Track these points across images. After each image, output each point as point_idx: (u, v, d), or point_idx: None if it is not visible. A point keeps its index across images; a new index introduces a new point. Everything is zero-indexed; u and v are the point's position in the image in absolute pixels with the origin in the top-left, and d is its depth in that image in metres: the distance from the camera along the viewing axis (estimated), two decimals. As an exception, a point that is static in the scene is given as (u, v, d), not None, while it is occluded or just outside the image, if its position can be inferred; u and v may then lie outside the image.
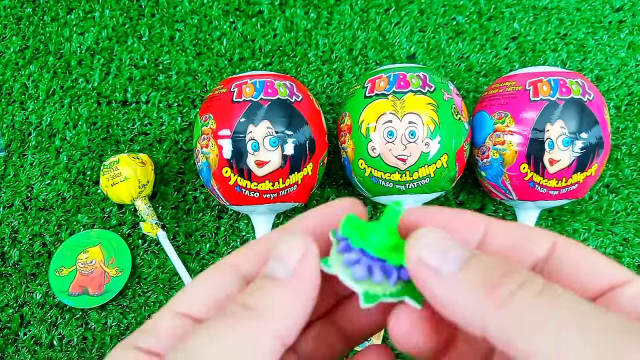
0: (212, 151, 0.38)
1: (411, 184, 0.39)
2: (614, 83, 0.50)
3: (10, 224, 0.46)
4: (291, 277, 0.14)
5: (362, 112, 0.39)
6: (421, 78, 0.39)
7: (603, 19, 0.52)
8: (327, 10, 0.52)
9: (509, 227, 0.16)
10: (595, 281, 0.14)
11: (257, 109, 0.38)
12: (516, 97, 0.39)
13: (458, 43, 0.51)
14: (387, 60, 0.51)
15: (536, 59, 0.51)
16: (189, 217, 0.46)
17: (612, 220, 0.46)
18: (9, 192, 0.47)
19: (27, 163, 0.48)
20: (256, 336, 0.13)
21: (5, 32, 0.52)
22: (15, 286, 0.45)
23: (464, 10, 0.52)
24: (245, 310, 0.14)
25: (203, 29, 0.52)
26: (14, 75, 0.51)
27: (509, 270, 0.13)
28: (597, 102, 0.38)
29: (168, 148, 0.49)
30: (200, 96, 0.50)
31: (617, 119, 0.49)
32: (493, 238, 0.16)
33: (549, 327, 0.12)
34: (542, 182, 0.38)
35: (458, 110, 0.39)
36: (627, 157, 0.48)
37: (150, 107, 0.50)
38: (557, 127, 0.37)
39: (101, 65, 0.51)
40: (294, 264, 0.14)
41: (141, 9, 0.53)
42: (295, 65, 0.51)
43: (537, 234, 0.15)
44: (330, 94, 0.50)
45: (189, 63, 0.51)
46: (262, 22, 0.52)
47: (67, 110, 0.50)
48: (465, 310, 0.13)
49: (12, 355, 0.43)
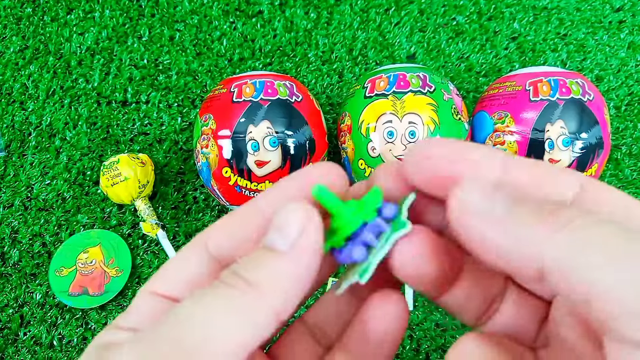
0: (212, 151, 0.38)
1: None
2: (614, 83, 0.50)
3: (10, 224, 0.46)
4: (291, 250, 0.13)
5: (362, 112, 0.39)
6: (421, 78, 0.39)
7: (603, 19, 0.52)
8: (327, 10, 0.52)
9: (528, 165, 0.14)
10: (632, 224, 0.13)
11: (257, 109, 0.38)
12: (516, 97, 0.39)
13: (458, 43, 0.51)
14: (387, 60, 0.51)
15: (536, 59, 0.51)
16: (189, 217, 0.46)
17: (612, 220, 0.46)
18: (9, 192, 0.47)
19: (27, 163, 0.48)
20: (253, 310, 0.13)
21: (5, 32, 0.52)
22: (15, 286, 0.45)
23: (464, 10, 0.52)
24: (243, 283, 0.13)
25: (203, 29, 0.52)
26: (14, 75, 0.51)
27: (560, 207, 0.12)
28: (597, 102, 0.38)
29: (168, 148, 0.49)
30: (200, 96, 0.50)
31: (617, 119, 0.49)
32: (514, 175, 0.14)
33: (615, 249, 0.10)
34: (542, 182, 0.38)
35: (458, 110, 0.39)
36: (627, 157, 0.48)
37: (150, 107, 0.50)
38: (557, 127, 0.37)
39: (101, 65, 0.51)
40: (294, 235, 0.13)
41: (141, 9, 0.53)
42: (295, 65, 0.51)
43: (561, 173, 0.14)
44: (330, 94, 0.50)
45: (189, 63, 0.51)
46: (262, 22, 0.52)
47: (67, 110, 0.50)
48: (519, 246, 0.12)
49: (12, 355, 0.43)
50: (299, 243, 0.13)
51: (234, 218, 0.16)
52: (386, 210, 0.15)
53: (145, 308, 0.15)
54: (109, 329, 0.14)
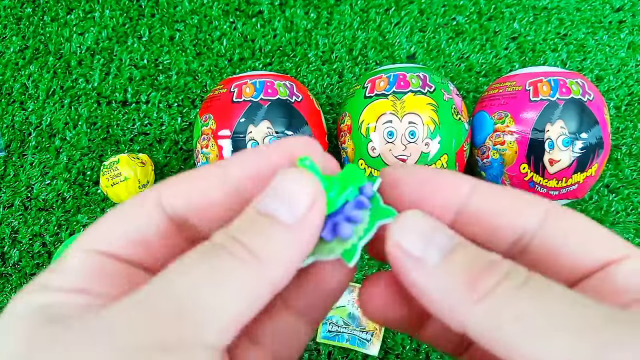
0: (212, 151, 0.38)
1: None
2: (614, 83, 0.50)
3: (10, 224, 0.46)
4: (299, 224, 0.13)
5: (362, 112, 0.39)
6: (421, 78, 0.39)
7: (603, 19, 0.52)
8: (327, 10, 0.52)
9: (497, 192, 0.14)
10: (588, 257, 0.13)
11: (257, 109, 0.38)
12: (516, 97, 0.39)
13: (458, 43, 0.51)
14: (387, 60, 0.51)
15: (536, 59, 0.51)
16: (189, 217, 0.46)
17: (612, 220, 0.46)
18: (9, 192, 0.47)
19: (27, 163, 0.48)
20: (253, 282, 0.12)
21: (5, 32, 0.52)
22: (15, 286, 0.44)
23: (464, 10, 0.52)
24: (245, 252, 0.12)
25: (203, 29, 0.52)
26: (14, 75, 0.51)
27: (491, 262, 0.12)
28: (597, 102, 0.38)
29: (168, 148, 0.49)
30: (200, 96, 0.50)
31: (617, 119, 0.49)
32: (477, 202, 0.14)
33: (534, 322, 0.11)
34: (542, 182, 0.38)
35: (458, 110, 0.39)
36: (627, 157, 0.48)
37: (150, 107, 0.50)
38: (557, 127, 0.37)
39: (101, 65, 0.51)
40: (304, 209, 0.13)
41: (141, 9, 0.53)
42: (295, 65, 0.51)
43: (526, 201, 0.14)
44: (330, 94, 0.50)
45: (189, 63, 0.51)
46: (262, 22, 0.52)
47: (67, 110, 0.50)
48: (445, 303, 0.12)
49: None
50: (308, 218, 0.13)
51: (194, 178, 0.14)
52: (366, 188, 0.15)
53: (87, 267, 0.13)
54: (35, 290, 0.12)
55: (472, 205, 0.14)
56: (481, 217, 0.14)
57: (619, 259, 0.13)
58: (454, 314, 0.12)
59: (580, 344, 0.10)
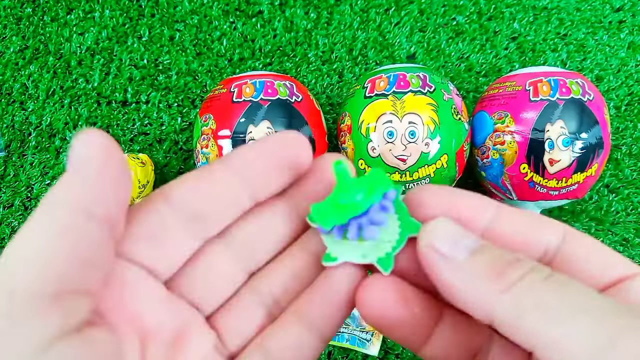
0: (212, 151, 0.38)
1: (411, 184, 0.39)
2: (614, 83, 0.50)
3: (10, 224, 0.46)
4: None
5: (362, 112, 0.39)
6: (421, 78, 0.39)
7: (603, 19, 0.52)
8: (327, 10, 0.52)
9: (519, 214, 0.16)
10: (605, 273, 0.14)
11: (257, 109, 0.38)
12: (516, 97, 0.39)
13: (458, 43, 0.51)
14: (387, 60, 0.51)
15: (536, 59, 0.51)
16: (189, 217, 0.46)
17: (612, 220, 0.46)
18: (9, 192, 0.47)
19: (27, 163, 0.48)
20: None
21: (5, 32, 0.52)
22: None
23: (464, 10, 0.52)
24: None
25: (203, 29, 0.52)
26: (14, 75, 0.51)
27: (517, 259, 0.14)
28: (597, 102, 0.38)
29: (168, 148, 0.49)
30: (200, 96, 0.50)
31: (617, 119, 0.49)
32: (502, 224, 0.15)
33: (555, 309, 0.12)
34: (542, 182, 0.38)
35: (458, 110, 0.39)
36: (627, 157, 0.48)
37: (150, 107, 0.50)
38: (557, 127, 0.37)
39: (101, 65, 0.51)
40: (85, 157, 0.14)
41: (141, 9, 0.53)
42: (295, 65, 0.51)
43: (547, 223, 0.15)
44: (330, 94, 0.50)
45: (189, 63, 0.51)
46: (262, 22, 0.52)
47: (67, 110, 0.50)
48: (472, 296, 0.13)
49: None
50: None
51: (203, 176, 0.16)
52: (390, 194, 0.16)
53: None
54: None
55: (497, 228, 0.15)
56: (505, 237, 0.15)
57: (633, 275, 0.14)
58: (482, 304, 0.13)
59: (599, 328, 0.11)
